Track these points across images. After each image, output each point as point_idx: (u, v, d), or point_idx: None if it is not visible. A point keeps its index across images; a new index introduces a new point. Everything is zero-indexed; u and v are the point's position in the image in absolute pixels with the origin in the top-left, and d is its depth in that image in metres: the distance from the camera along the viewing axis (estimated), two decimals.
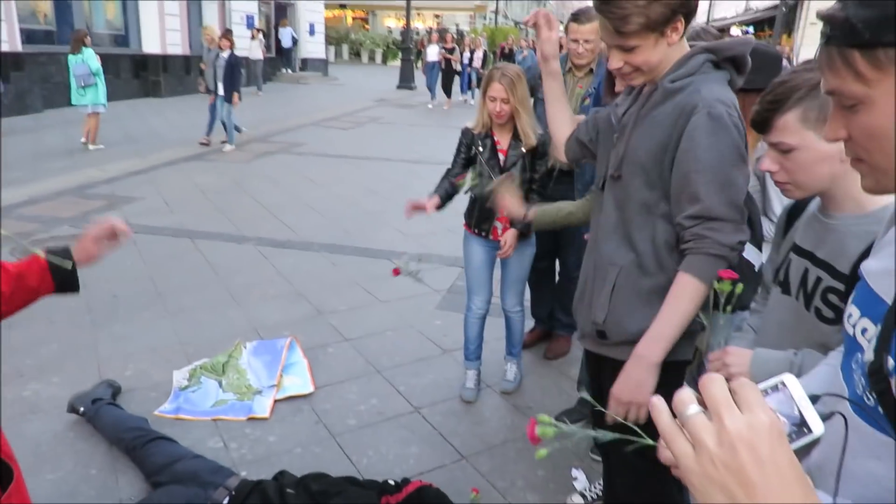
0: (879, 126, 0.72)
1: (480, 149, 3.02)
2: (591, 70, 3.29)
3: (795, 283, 1.36)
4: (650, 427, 0.60)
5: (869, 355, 0.77)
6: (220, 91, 9.53)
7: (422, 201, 2.98)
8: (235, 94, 9.45)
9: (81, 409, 2.95)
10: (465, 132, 3.10)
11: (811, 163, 1.27)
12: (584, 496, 2.58)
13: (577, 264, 2.24)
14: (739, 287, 1.20)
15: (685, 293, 1.57)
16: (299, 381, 3.38)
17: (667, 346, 1.59)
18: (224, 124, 9.72)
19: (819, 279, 1.30)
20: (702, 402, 0.54)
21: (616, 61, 1.56)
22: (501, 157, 3.02)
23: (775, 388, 0.56)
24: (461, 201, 3.23)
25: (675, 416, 0.56)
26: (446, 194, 3.07)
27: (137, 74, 15.31)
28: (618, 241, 1.73)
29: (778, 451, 0.50)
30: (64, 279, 1.56)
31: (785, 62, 2.42)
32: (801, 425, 0.54)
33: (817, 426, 0.54)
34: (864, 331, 0.83)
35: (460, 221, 3.32)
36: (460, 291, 4.63)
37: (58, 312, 3.93)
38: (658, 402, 0.57)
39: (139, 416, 2.96)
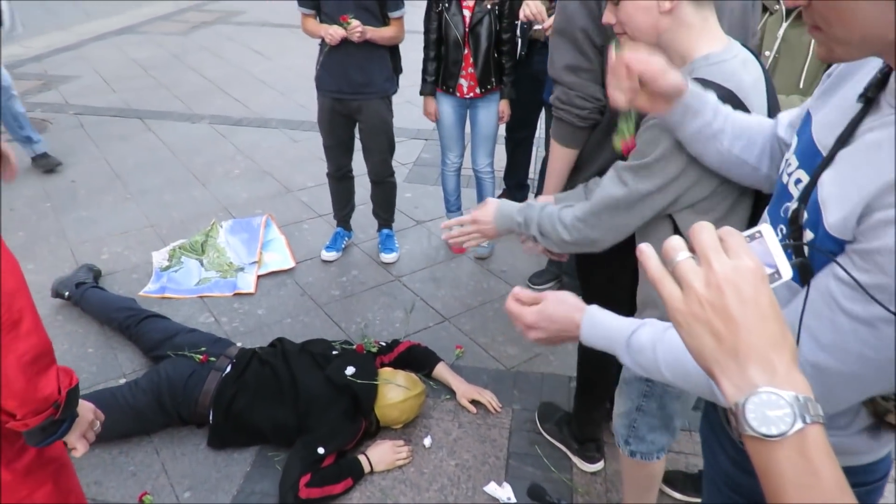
0: None
1: (446, 4, 2.99)
2: None
3: None
4: None
5: (794, 205, 0.81)
6: None
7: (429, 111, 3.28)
8: None
9: (66, 293, 2.97)
10: None
11: (632, 13, 1.28)
12: None
13: None
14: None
15: (553, 155, 1.92)
16: (279, 256, 3.45)
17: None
18: None
19: None
20: (691, 250, 0.56)
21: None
22: (467, 13, 3.00)
23: (752, 237, 0.60)
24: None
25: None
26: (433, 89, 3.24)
27: None
28: None
29: (760, 291, 0.53)
30: None
31: None
32: (774, 271, 0.59)
33: (787, 271, 0.59)
34: (797, 181, 0.84)
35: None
36: (426, 164, 4.68)
37: (16, 200, 3.80)
38: (647, 248, 0.59)
39: (126, 296, 3.01)
